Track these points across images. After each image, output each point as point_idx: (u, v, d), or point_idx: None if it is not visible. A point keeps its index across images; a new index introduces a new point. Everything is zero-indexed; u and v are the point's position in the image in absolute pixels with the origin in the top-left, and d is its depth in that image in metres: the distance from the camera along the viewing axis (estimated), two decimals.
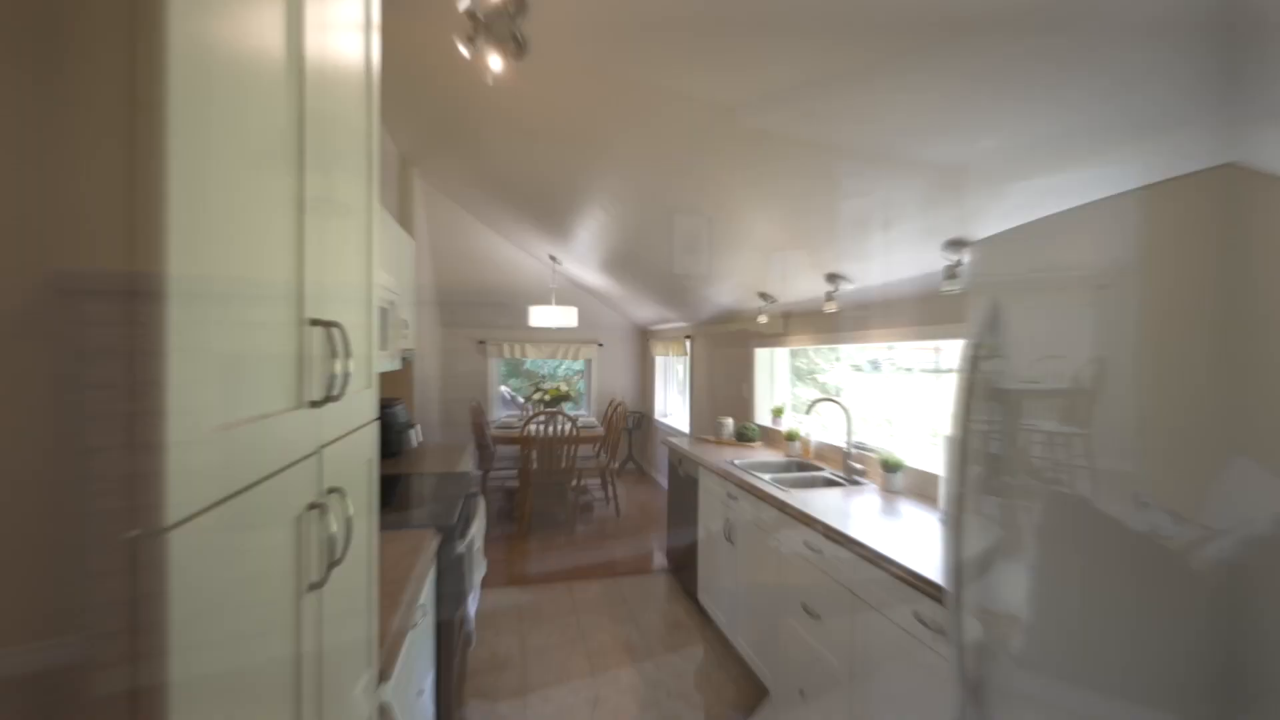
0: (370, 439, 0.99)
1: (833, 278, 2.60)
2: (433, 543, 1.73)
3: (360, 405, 0.93)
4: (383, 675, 1.06)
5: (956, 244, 1.88)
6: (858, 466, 2.57)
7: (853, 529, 1.85)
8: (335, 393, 0.76)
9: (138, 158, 0.42)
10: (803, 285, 2.90)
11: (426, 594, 1.63)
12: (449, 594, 1.84)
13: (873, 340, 2.75)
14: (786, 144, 1.81)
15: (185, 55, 0.44)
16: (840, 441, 2.98)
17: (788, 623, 2.17)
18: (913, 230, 1.94)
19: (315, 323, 0.70)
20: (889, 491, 2.37)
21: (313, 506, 0.70)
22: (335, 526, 0.72)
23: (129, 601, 0.41)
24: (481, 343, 6.27)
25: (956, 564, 1.03)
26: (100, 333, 0.42)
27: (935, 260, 2.04)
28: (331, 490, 0.76)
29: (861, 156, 1.69)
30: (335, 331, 0.76)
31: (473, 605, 2.04)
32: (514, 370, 7.69)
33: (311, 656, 0.70)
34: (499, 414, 6.38)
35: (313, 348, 0.70)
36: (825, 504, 2.17)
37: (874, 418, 3.39)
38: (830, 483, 2.69)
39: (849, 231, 2.16)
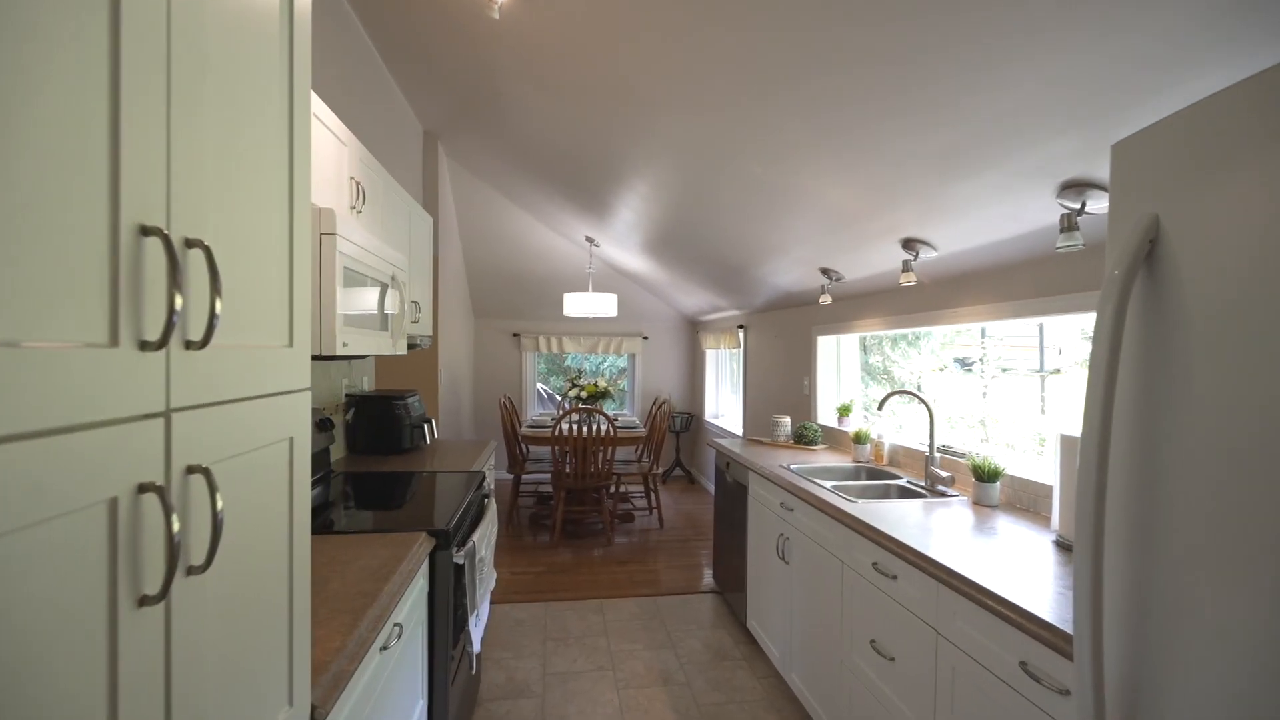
0: (293, 413, 0.83)
1: (910, 244, 2.30)
2: (422, 549, 1.58)
3: (269, 366, 0.76)
4: (316, 713, 0.90)
5: (1077, 186, 1.56)
6: (942, 474, 2.26)
7: (936, 550, 1.57)
8: (195, 337, 0.59)
9: None
10: (874, 256, 2.60)
11: (410, 610, 1.48)
12: (444, 609, 1.69)
13: (961, 319, 2.43)
14: (850, 67, 1.55)
15: None
16: (920, 444, 2.66)
17: (853, 662, 1.90)
18: (1016, 172, 1.64)
19: (149, 232, 0.53)
20: (983, 505, 2.06)
21: (147, 490, 0.53)
22: (179, 524, 0.55)
23: None
24: (516, 335, 6.21)
25: (1094, 603, 0.76)
26: None
27: (1047, 211, 1.72)
28: (193, 470, 0.60)
29: (946, 74, 1.42)
30: (198, 253, 0.60)
31: (477, 625, 1.89)
32: (555, 368, 7.63)
33: (145, 695, 0.54)
34: (534, 411, 6.31)
35: (146, 267, 0.53)
36: (901, 518, 1.88)
37: (962, 419, 3.04)
38: (907, 493, 2.39)
39: (931, 181, 1.87)
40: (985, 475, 2.05)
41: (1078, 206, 1.59)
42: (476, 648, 1.89)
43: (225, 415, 0.66)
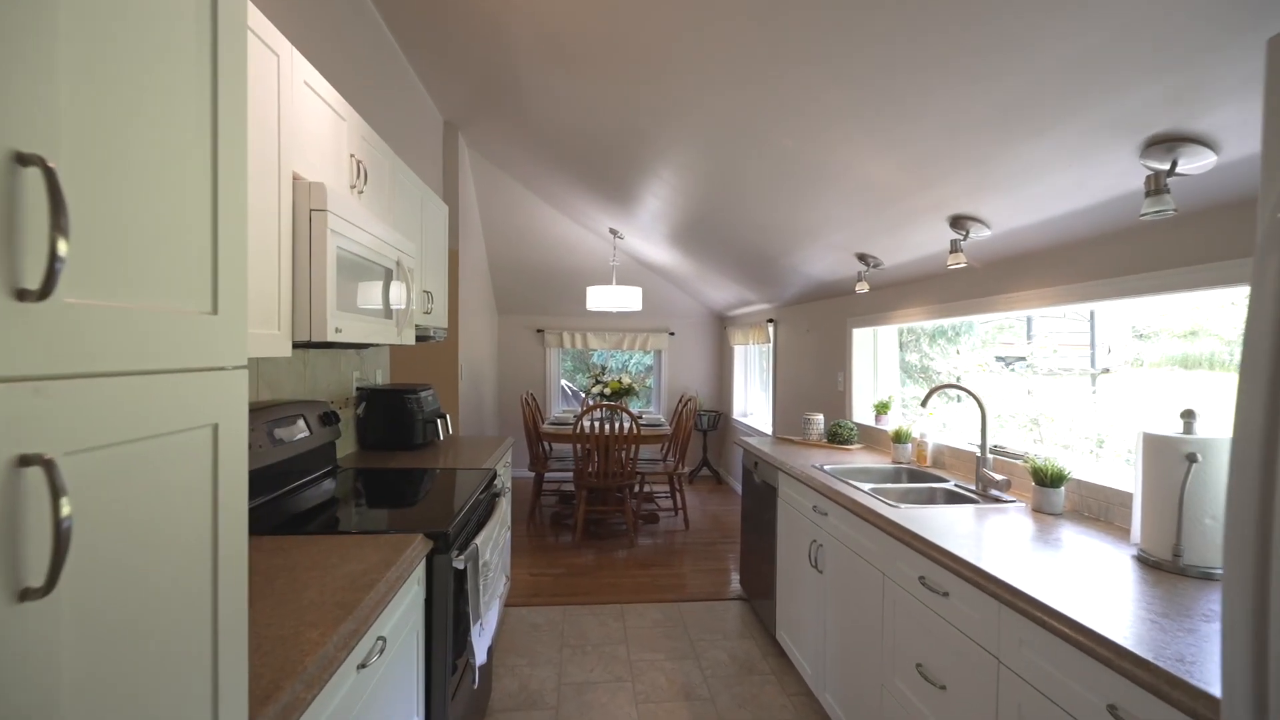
0: (220, 395, 0.68)
1: (960, 222, 2.07)
2: (416, 553, 1.43)
3: (179, 335, 0.62)
4: None
5: (1167, 141, 1.33)
6: (996, 477, 2.02)
7: (996, 564, 1.36)
8: (30, 285, 0.45)
9: None
10: (917, 238, 2.37)
11: (399, 621, 1.33)
12: (442, 619, 1.54)
13: (1017, 305, 2.18)
14: (898, 24, 1.35)
15: None
16: (969, 444, 2.42)
17: (895, 686, 1.69)
18: (1089, 129, 1.41)
19: None
20: (1044, 512, 1.82)
21: None
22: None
23: None
24: (540, 331, 6.10)
25: (1256, 649, 0.56)
26: None
27: (1126, 175, 1.49)
28: (29, 462, 0.45)
29: (1011, 14, 1.20)
30: (35, 174, 0.45)
31: (481, 635, 1.74)
32: (581, 365, 7.51)
33: None
34: (558, 408, 6.19)
35: None
36: (950, 526, 1.67)
37: (1011, 418, 2.78)
38: (955, 497, 2.16)
39: (986, 146, 1.65)
40: (1048, 479, 1.82)
41: (1167, 166, 1.36)
42: (480, 659, 1.74)
43: (95, 392, 0.51)
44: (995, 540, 1.55)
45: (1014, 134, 1.55)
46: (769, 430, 4.94)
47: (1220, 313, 2.14)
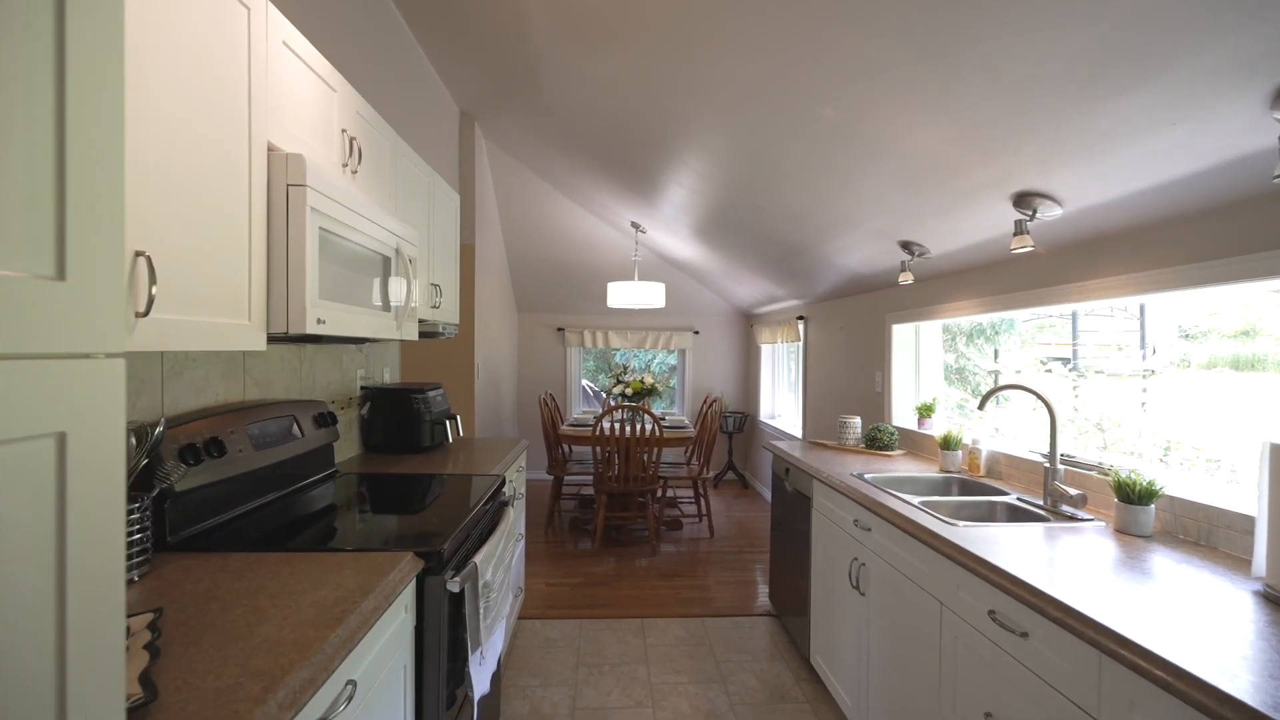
0: (72, 392, 0.49)
1: (1025, 199, 1.81)
2: (402, 575, 1.24)
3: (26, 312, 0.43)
4: None
5: None
6: (1070, 492, 1.76)
7: (1088, 601, 1.11)
8: None
9: None
10: (971, 221, 2.11)
11: (377, 658, 1.14)
12: (434, 649, 1.35)
13: (1092, 295, 1.91)
14: None
15: None
16: (1029, 452, 2.15)
17: None
18: (1201, 73, 1.15)
19: None
20: (1129, 534, 1.56)
21: None
22: None
23: None
24: (560, 330, 5.93)
25: None
26: None
27: (1245, 132, 1.22)
28: None
29: None
30: None
31: (481, 665, 1.54)
32: (603, 365, 7.33)
33: None
34: (578, 409, 6.01)
35: None
36: (1022, 549, 1.42)
37: (1070, 422, 2.49)
38: (1020, 514, 1.90)
39: (1062, 106, 1.39)
40: (1135, 495, 1.55)
41: None
42: (481, 691, 1.55)
43: None
44: (1080, 569, 1.30)
45: (1097, 88, 1.29)
46: (798, 433, 4.68)
47: (1276, 311, 1.90)
